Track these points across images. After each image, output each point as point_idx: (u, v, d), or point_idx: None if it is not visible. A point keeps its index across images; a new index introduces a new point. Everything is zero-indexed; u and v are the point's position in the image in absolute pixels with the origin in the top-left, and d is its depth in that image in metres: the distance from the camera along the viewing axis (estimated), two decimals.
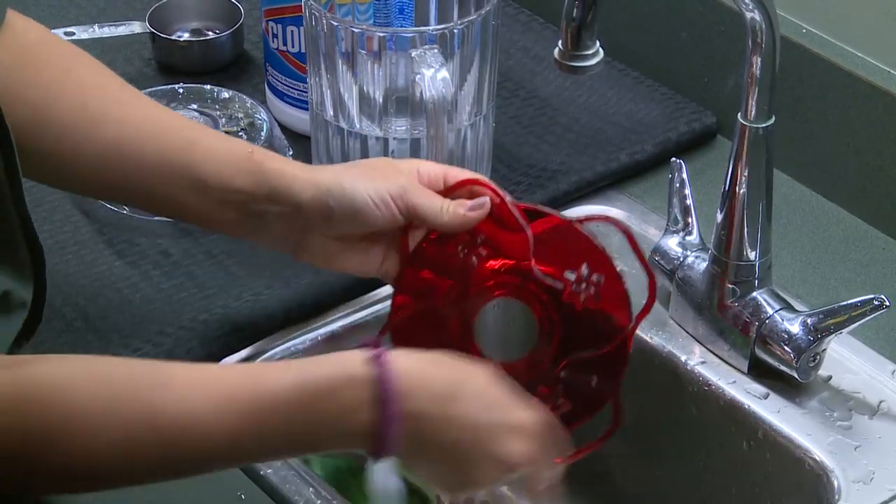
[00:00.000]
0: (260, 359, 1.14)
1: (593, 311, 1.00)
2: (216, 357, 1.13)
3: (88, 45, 1.35)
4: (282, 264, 1.18)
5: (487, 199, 1.02)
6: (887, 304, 1.07)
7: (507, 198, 1.02)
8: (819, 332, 1.09)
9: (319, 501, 1.02)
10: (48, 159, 1.04)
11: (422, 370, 0.92)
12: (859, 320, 1.08)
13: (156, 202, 1.07)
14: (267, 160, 1.04)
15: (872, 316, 1.07)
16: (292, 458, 1.01)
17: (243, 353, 1.14)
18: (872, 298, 1.07)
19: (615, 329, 1.01)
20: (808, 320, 1.09)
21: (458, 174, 1.04)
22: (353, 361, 0.90)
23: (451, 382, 0.92)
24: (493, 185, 1.02)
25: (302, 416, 0.88)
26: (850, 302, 1.09)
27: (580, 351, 1.01)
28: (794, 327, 1.10)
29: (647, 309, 0.99)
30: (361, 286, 1.18)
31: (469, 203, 1.02)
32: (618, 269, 1.00)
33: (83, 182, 1.07)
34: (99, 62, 1.08)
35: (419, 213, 1.02)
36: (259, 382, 0.88)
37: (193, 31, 1.47)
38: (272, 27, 1.33)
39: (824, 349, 1.11)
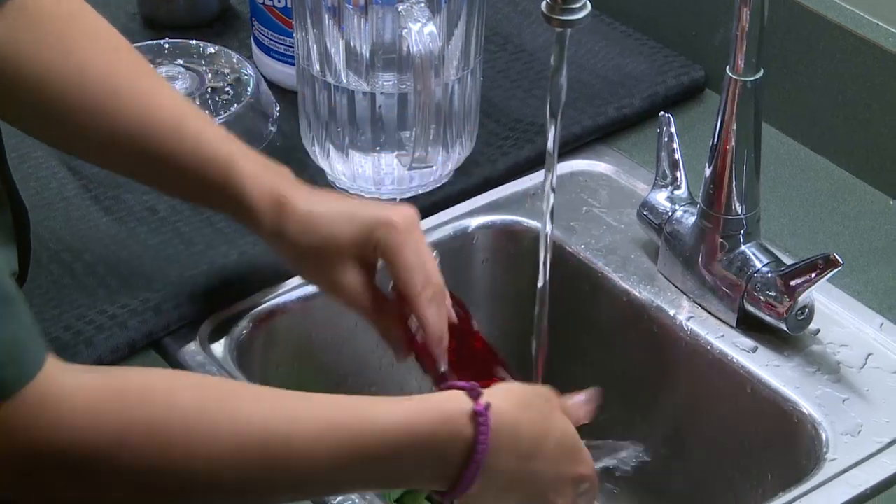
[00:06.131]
0: (249, 314, 1.14)
1: None
2: (203, 313, 1.13)
3: None
4: None
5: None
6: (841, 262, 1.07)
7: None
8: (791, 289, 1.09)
9: None
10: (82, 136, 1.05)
11: (514, 424, 0.92)
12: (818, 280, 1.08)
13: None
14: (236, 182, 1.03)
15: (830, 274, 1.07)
16: (368, 491, 1.00)
17: (230, 310, 1.14)
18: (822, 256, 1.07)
19: None
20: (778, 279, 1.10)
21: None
22: (458, 413, 0.89)
23: (535, 438, 0.93)
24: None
25: (401, 454, 0.88)
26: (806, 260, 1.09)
27: None
28: (783, 281, 1.10)
29: None
30: None
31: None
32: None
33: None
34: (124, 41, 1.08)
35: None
36: (366, 416, 0.88)
37: None
38: None
39: (813, 302, 1.11)
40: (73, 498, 0.83)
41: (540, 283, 1.08)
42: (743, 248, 1.12)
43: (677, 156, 1.18)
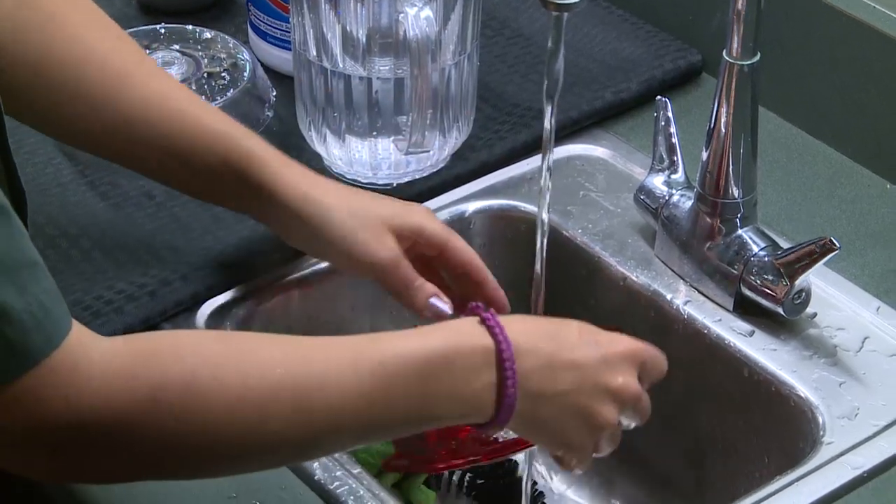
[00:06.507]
0: (246, 299, 1.14)
1: None
2: (200, 298, 1.12)
3: None
4: None
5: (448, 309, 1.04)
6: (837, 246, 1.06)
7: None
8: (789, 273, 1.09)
9: None
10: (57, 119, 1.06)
11: (527, 329, 0.92)
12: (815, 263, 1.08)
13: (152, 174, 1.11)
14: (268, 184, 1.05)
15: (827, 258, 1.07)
16: (412, 430, 0.99)
17: (227, 294, 1.14)
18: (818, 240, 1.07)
19: None
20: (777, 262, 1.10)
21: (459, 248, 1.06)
22: (466, 324, 0.90)
23: (552, 329, 0.93)
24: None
25: (428, 376, 0.88)
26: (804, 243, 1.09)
27: None
28: (780, 265, 1.10)
29: None
30: None
31: (438, 303, 1.04)
32: None
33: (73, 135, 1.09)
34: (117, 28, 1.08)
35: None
36: (383, 346, 0.88)
37: None
38: None
39: (809, 286, 1.11)
40: (105, 469, 0.83)
41: (536, 268, 1.08)
42: (740, 232, 1.12)
43: (674, 140, 1.18)
